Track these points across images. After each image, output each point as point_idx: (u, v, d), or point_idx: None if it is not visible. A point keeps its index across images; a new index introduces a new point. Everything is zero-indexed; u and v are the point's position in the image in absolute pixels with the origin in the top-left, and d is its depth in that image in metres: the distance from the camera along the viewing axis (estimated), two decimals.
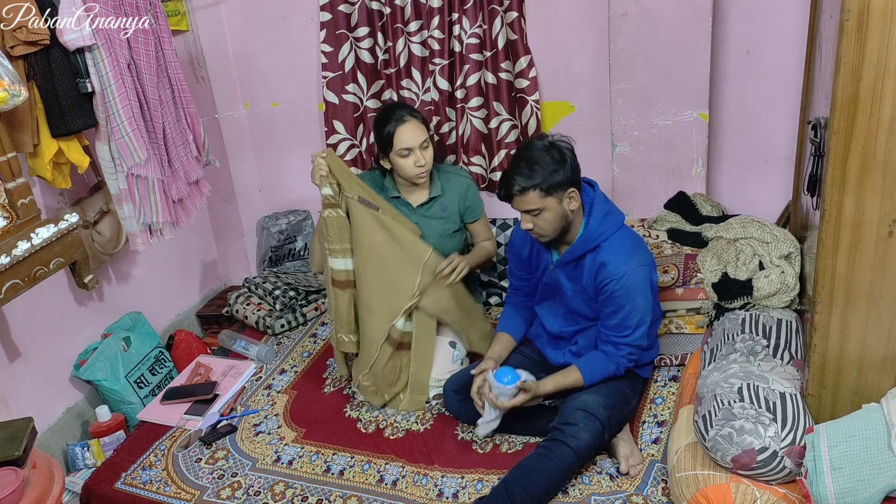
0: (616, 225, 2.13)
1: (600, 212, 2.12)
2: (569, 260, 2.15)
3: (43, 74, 2.17)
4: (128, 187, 2.42)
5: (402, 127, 2.41)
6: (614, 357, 2.13)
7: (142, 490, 2.25)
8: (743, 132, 2.70)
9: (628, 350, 2.12)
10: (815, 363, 1.83)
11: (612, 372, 2.14)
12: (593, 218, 2.11)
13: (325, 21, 2.97)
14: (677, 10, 2.44)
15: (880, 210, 1.63)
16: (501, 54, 2.79)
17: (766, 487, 1.77)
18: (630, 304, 2.07)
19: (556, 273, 2.21)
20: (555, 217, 2.06)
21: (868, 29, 1.49)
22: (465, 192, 2.60)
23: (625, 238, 2.13)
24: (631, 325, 2.09)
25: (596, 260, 2.10)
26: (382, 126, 2.44)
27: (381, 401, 2.48)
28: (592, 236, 2.10)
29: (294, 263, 3.37)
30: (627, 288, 2.06)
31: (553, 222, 2.07)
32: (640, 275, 2.08)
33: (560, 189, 2.03)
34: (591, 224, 2.11)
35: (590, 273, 2.12)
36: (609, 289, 2.07)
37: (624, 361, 2.13)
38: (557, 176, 2.01)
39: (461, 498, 2.07)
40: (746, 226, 2.42)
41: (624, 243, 2.11)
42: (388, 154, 2.47)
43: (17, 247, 2.11)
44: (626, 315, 2.08)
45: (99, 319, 2.78)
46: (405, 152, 2.43)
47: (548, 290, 2.29)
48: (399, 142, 2.42)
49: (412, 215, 2.60)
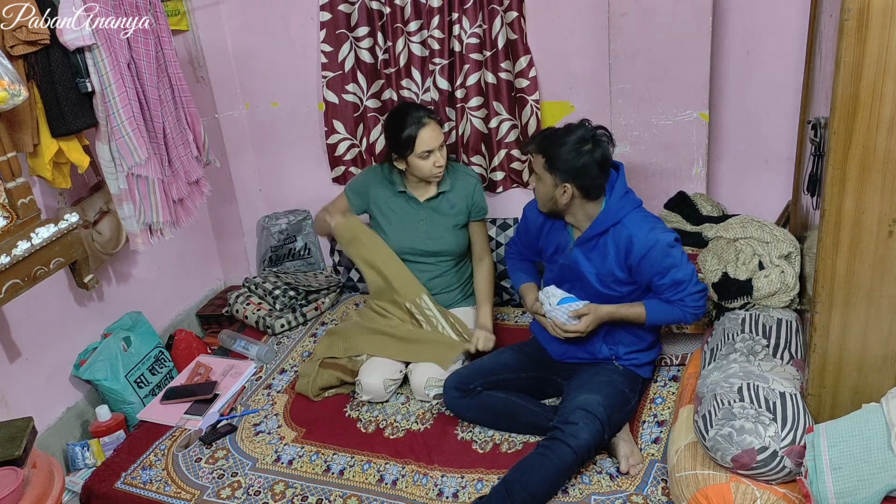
0: (635, 203, 2.19)
1: (621, 189, 2.17)
2: (590, 237, 2.18)
3: (43, 74, 2.17)
4: (128, 187, 2.42)
5: (423, 130, 2.45)
6: (677, 305, 2.15)
7: (142, 490, 2.25)
8: (743, 132, 2.70)
9: (690, 298, 2.14)
10: (815, 363, 1.83)
11: (678, 317, 2.17)
12: (615, 194, 2.16)
13: (324, 21, 2.97)
14: (677, 9, 2.44)
15: (880, 210, 1.63)
16: (501, 54, 2.80)
17: (766, 487, 1.77)
18: (674, 263, 2.11)
19: (575, 253, 2.22)
20: (545, 193, 2.16)
21: (868, 28, 1.49)
22: (472, 190, 2.64)
23: (645, 214, 2.19)
24: (683, 279, 2.12)
25: (620, 238, 2.14)
26: (400, 128, 2.46)
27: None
28: (613, 210, 2.15)
29: (294, 263, 3.37)
30: (664, 250, 2.10)
31: (543, 195, 2.17)
32: (670, 237, 2.12)
33: (558, 174, 2.09)
34: (611, 200, 2.16)
35: (616, 249, 2.15)
36: (649, 258, 2.11)
37: (689, 309, 2.15)
38: (563, 162, 2.08)
39: (461, 497, 2.07)
40: (746, 226, 2.41)
41: (646, 218, 2.18)
42: (405, 156, 2.48)
43: (17, 246, 2.11)
44: (675, 274, 2.11)
45: (99, 319, 2.78)
46: (426, 154, 2.47)
47: (565, 272, 2.27)
48: (421, 144, 2.45)
49: (420, 210, 2.61)
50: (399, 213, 2.65)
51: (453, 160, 2.78)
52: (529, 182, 2.21)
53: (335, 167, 3.23)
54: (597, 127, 2.15)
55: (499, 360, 2.39)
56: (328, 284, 3.17)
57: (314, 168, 3.31)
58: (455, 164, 2.73)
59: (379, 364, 2.52)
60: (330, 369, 2.55)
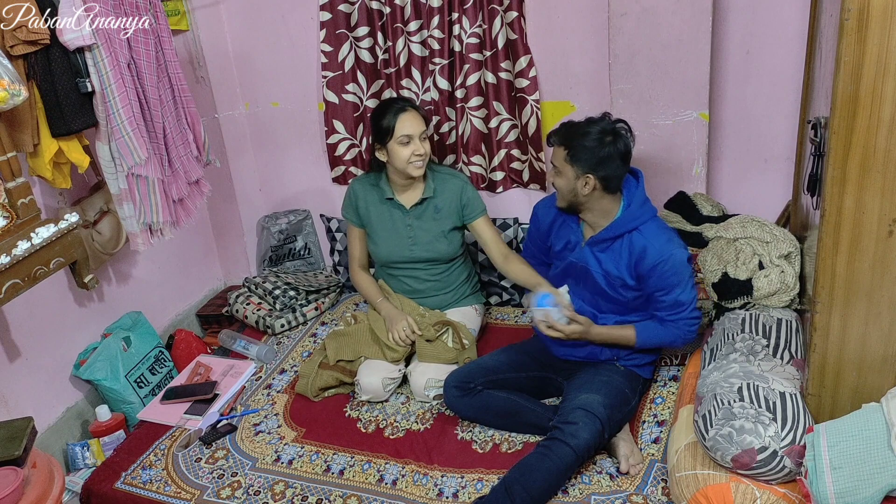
0: (652, 212, 2.20)
1: (640, 197, 2.19)
2: (604, 238, 2.18)
3: (43, 74, 2.17)
4: (128, 187, 2.42)
5: (403, 115, 2.46)
6: (670, 328, 2.18)
7: (142, 490, 2.25)
8: (743, 132, 2.70)
9: (685, 322, 2.17)
10: (815, 363, 1.83)
11: (669, 340, 2.20)
12: (635, 200, 2.18)
13: (324, 21, 2.97)
14: (677, 9, 2.44)
15: (880, 210, 1.63)
16: (501, 54, 2.79)
17: (766, 487, 1.77)
18: (680, 284, 2.13)
19: (586, 252, 2.22)
20: (566, 186, 2.16)
21: (868, 28, 1.49)
22: (458, 192, 2.61)
23: (662, 225, 2.21)
24: (685, 301, 2.15)
25: (634, 245, 2.15)
26: (382, 116, 2.48)
27: None
28: (632, 217, 2.16)
29: (294, 263, 3.37)
30: (676, 268, 2.12)
31: (564, 189, 2.17)
32: (682, 254, 2.14)
33: (580, 165, 2.10)
34: (632, 206, 2.17)
35: (628, 255, 2.16)
36: (658, 271, 2.12)
37: (681, 333, 2.18)
38: (585, 154, 2.09)
39: (461, 497, 2.07)
40: (746, 225, 2.41)
41: (663, 228, 2.19)
42: (385, 144, 2.48)
43: (17, 246, 2.11)
44: (678, 294, 2.14)
45: (99, 319, 2.78)
46: (405, 139, 2.45)
47: (571, 269, 2.28)
48: (400, 129, 2.45)
49: (405, 217, 2.60)
50: (386, 222, 2.64)
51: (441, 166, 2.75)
52: (548, 178, 2.22)
53: (335, 167, 3.23)
54: (617, 120, 2.16)
55: (499, 359, 2.39)
56: (328, 284, 3.18)
57: (314, 168, 3.31)
58: (442, 167, 2.71)
59: (377, 364, 2.52)
60: (329, 370, 2.55)
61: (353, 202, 2.69)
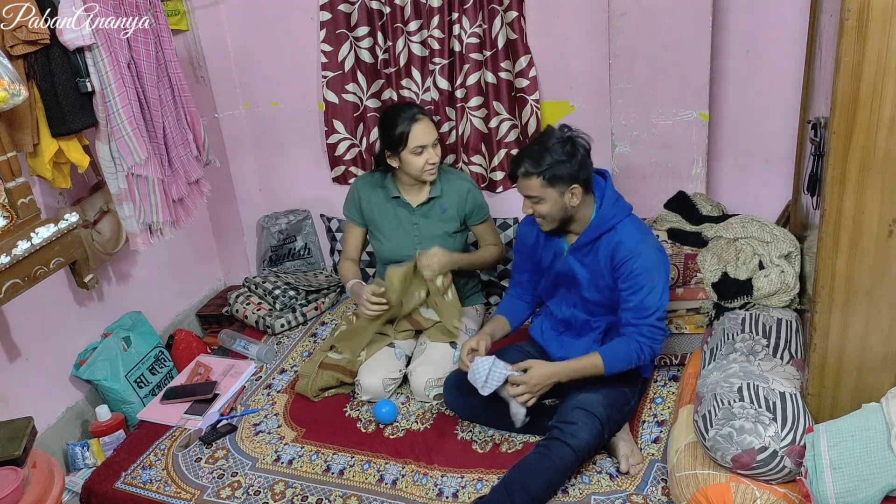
0: (626, 210, 2.18)
1: (612, 197, 2.16)
2: (584, 243, 2.17)
3: (43, 74, 2.17)
4: (128, 187, 2.42)
5: (416, 125, 2.44)
6: (633, 336, 2.09)
7: (142, 490, 2.25)
8: (743, 132, 2.70)
9: (648, 329, 2.09)
10: (815, 363, 1.83)
11: (635, 354, 2.09)
12: (606, 201, 2.14)
13: (324, 21, 2.97)
14: (677, 9, 2.44)
15: (880, 210, 1.63)
16: (501, 54, 2.79)
17: (766, 487, 1.77)
18: (649, 284, 2.08)
19: (570, 260, 2.21)
20: (553, 208, 2.10)
21: (868, 29, 1.50)
22: (465, 195, 2.61)
23: (637, 222, 2.18)
24: (650, 306, 2.08)
25: (611, 243, 2.12)
26: (394, 125, 2.46)
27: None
28: (606, 217, 2.13)
29: (294, 263, 3.37)
30: (646, 267, 2.08)
31: (552, 212, 2.11)
32: (656, 255, 2.11)
33: (562, 183, 2.06)
34: (604, 206, 2.14)
35: (605, 254, 2.14)
36: (628, 267, 2.08)
37: (645, 340, 2.09)
38: (563, 169, 2.04)
39: (461, 497, 2.07)
40: (746, 225, 2.42)
41: (638, 226, 2.16)
42: (398, 153, 2.48)
43: (17, 246, 2.10)
44: (645, 296, 2.08)
45: (99, 319, 2.78)
46: (419, 150, 2.45)
47: (560, 279, 2.27)
48: (414, 139, 2.44)
49: (411, 216, 2.60)
50: (392, 220, 2.64)
51: (447, 165, 2.77)
52: (524, 211, 2.12)
53: (335, 167, 3.23)
54: (562, 126, 2.12)
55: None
56: (328, 284, 3.17)
57: (314, 168, 3.31)
58: (449, 168, 2.72)
59: (378, 363, 2.52)
60: (329, 370, 2.55)
61: (356, 202, 2.69)
